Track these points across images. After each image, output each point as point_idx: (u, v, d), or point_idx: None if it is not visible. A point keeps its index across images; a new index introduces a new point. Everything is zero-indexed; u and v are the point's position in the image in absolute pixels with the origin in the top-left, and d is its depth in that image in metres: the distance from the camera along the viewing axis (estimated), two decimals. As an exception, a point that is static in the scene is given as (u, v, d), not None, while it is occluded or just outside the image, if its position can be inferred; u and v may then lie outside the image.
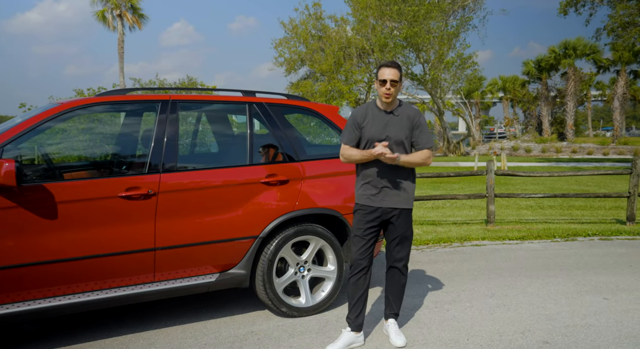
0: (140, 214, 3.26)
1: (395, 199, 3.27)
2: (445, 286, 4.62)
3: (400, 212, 3.29)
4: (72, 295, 3.10)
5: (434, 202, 10.37)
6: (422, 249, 6.18)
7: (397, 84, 3.16)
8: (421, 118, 3.28)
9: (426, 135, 3.27)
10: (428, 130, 3.28)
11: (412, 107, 3.31)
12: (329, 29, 26.98)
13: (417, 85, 28.35)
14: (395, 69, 3.17)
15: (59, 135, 3.23)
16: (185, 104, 3.67)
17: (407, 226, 3.34)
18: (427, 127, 3.29)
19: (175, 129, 3.49)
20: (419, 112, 3.30)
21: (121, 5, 25.39)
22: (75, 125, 3.11)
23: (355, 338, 3.30)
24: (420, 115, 3.30)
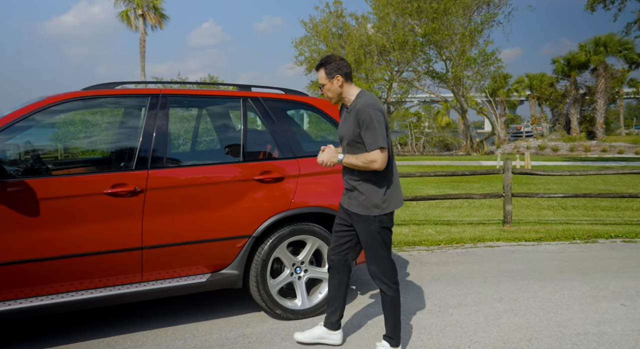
0: (126, 212, 3.17)
1: (351, 202, 2.99)
2: (452, 289, 4.41)
3: (357, 217, 2.96)
4: (56, 295, 3.04)
5: (451, 202, 10.10)
6: (432, 249, 5.97)
7: (327, 85, 2.90)
8: (366, 113, 2.76)
9: (371, 133, 2.74)
10: (376, 126, 2.75)
11: (364, 99, 2.84)
12: (350, 27, 26.80)
13: (439, 83, 27.89)
14: (319, 70, 2.91)
15: (44, 129, 3.17)
16: (176, 98, 3.57)
17: (366, 235, 2.94)
18: (374, 123, 2.74)
19: (164, 124, 3.40)
20: (367, 105, 2.79)
21: (143, 5, 25.76)
22: (61, 119, 3.04)
23: (326, 334, 3.20)
24: (367, 108, 2.77)
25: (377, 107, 2.82)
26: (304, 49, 27.04)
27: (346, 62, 2.95)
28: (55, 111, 3.18)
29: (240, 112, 3.72)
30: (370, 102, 2.83)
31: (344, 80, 2.91)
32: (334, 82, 2.89)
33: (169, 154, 3.46)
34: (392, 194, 2.95)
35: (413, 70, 28.03)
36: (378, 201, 2.90)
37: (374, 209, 2.90)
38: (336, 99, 2.97)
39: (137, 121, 3.34)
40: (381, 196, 2.91)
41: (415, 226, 7.48)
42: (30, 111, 3.06)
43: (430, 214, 8.78)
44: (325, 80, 2.91)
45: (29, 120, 3.07)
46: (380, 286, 3.03)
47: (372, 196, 2.90)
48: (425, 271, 5.03)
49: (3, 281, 2.87)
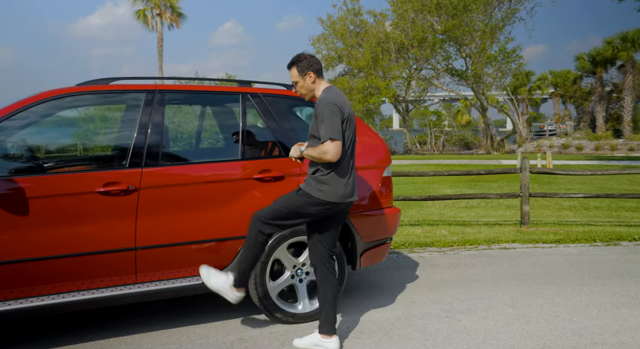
0: (119, 211, 3.08)
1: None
2: (462, 293, 4.23)
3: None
4: (47, 296, 2.96)
5: (468, 202, 9.84)
6: (444, 251, 5.77)
7: (300, 82, 2.99)
8: (321, 106, 2.86)
9: (324, 125, 2.82)
10: (327, 119, 2.81)
11: (324, 94, 2.95)
12: (367, 25, 26.53)
13: (458, 81, 27.43)
14: (291, 68, 3.00)
15: (35, 126, 3.10)
16: (172, 94, 3.47)
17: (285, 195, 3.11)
18: (327, 116, 2.81)
19: (160, 121, 3.30)
20: (322, 99, 2.90)
21: (160, 4, 25.98)
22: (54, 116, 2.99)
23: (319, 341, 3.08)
24: (322, 101, 2.88)
25: (331, 100, 2.87)
26: (321, 47, 26.91)
27: (317, 59, 3.04)
28: (47, 107, 3.11)
29: (239, 108, 3.60)
30: (326, 96, 2.91)
31: (316, 77, 2.99)
32: (307, 79, 2.98)
33: (165, 151, 3.37)
34: (333, 185, 2.94)
35: (432, 67, 27.65)
36: (317, 184, 2.95)
37: (310, 188, 2.96)
38: (309, 96, 3.04)
39: (131, 118, 3.25)
40: (322, 182, 2.94)
41: (429, 227, 7.28)
42: (21, 107, 3.00)
43: (445, 214, 8.55)
44: (297, 77, 2.98)
45: (20, 117, 3.00)
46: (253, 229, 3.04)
47: (317, 181, 2.96)
48: (434, 273, 4.85)
49: None
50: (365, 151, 3.91)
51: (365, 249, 3.85)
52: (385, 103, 25.97)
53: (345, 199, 3.00)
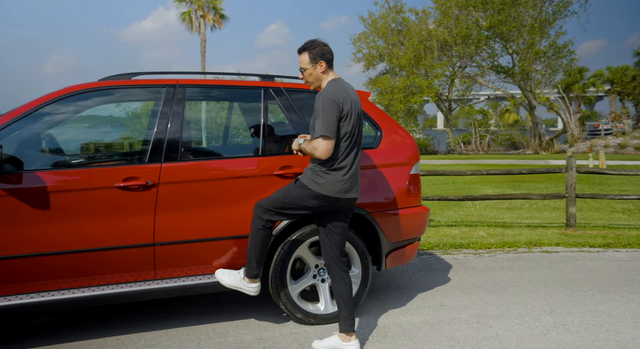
0: (138, 207, 3.07)
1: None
2: (495, 298, 3.99)
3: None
4: (67, 290, 2.97)
5: (510, 203, 9.43)
6: (480, 253, 5.50)
7: (309, 69, 2.88)
8: (319, 100, 2.77)
9: (318, 121, 2.74)
10: (322, 114, 2.73)
11: (326, 88, 2.85)
12: (409, 22, 26.08)
13: (504, 78, 26.50)
14: (302, 53, 2.89)
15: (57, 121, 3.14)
16: (193, 89, 3.43)
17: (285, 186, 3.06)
18: (323, 110, 2.73)
19: (180, 116, 3.26)
20: (321, 93, 2.80)
21: (204, 6, 26.55)
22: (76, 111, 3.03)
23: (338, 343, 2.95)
24: (320, 96, 2.78)
25: (329, 95, 2.77)
26: (361, 45, 26.67)
27: (330, 49, 2.92)
28: (70, 101, 3.14)
29: (261, 103, 3.52)
30: (326, 90, 2.82)
31: (327, 67, 2.89)
32: (317, 67, 2.88)
33: (184, 147, 3.33)
34: (329, 179, 2.86)
35: (477, 65, 26.86)
36: (313, 176, 2.88)
37: (306, 179, 2.89)
38: (316, 85, 2.94)
39: (152, 113, 3.24)
40: (318, 175, 2.87)
41: (466, 228, 6.99)
42: (45, 101, 3.03)
43: (485, 215, 8.21)
44: (307, 64, 2.88)
45: (43, 111, 3.04)
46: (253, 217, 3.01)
47: (313, 172, 2.88)
48: (468, 276, 4.61)
49: (8, 275, 2.84)
50: (392, 148, 3.75)
51: (391, 249, 3.69)
52: (429, 102, 25.40)
53: (343, 195, 2.89)
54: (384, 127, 3.78)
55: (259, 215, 2.98)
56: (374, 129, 3.77)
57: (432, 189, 11.16)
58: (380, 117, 3.82)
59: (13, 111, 2.99)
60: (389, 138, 3.76)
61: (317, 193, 2.87)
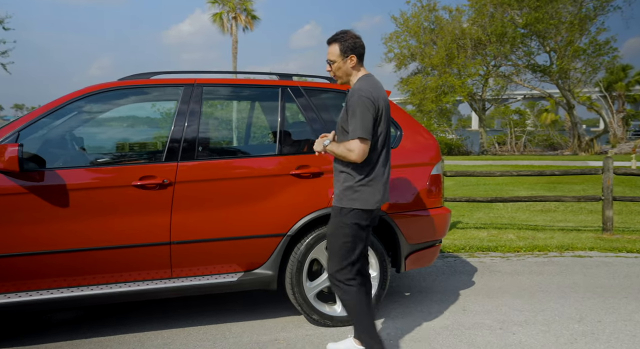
0: (154, 205, 3.09)
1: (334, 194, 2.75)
2: (521, 303, 3.84)
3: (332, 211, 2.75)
4: (86, 287, 3.02)
5: (544, 205, 9.11)
6: (508, 256, 5.32)
7: (338, 63, 2.65)
8: (353, 98, 2.54)
9: (353, 121, 2.52)
10: (359, 114, 2.51)
11: (359, 84, 2.62)
12: (442, 21, 25.66)
13: (541, 77, 25.73)
14: (332, 44, 2.65)
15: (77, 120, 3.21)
16: (210, 88, 3.44)
17: (332, 225, 2.71)
18: (358, 110, 2.51)
19: (197, 115, 3.28)
20: (356, 90, 2.57)
21: (236, 8, 26.87)
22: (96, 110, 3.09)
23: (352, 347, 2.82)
24: (355, 93, 2.55)
25: (365, 93, 2.56)
26: (393, 45, 26.41)
27: (362, 42, 2.69)
28: (89, 101, 3.20)
29: (279, 102, 3.50)
30: (360, 87, 2.59)
31: (357, 62, 2.67)
32: (347, 62, 2.65)
33: (201, 145, 3.35)
34: (367, 191, 2.64)
35: (512, 63, 26.18)
36: (349, 193, 2.63)
37: (344, 201, 2.64)
38: (344, 80, 2.72)
39: (169, 112, 3.27)
40: (354, 188, 2.63)
41: (496, 230, 6.79)
42: (65, 101, 3.09)
43: (516, 217, 7.96)
44: (337, 57, 2.64)
45: (64, 111, 3.10)
46: (335, 290, 2.74)
47: (345, 186, 2.64)
48: (493, 280, 4.46)
49: (26, 272, 2.90)
50: (413, 148, 3.67)
51: (410, 251, 3.60)
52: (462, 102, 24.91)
53: (381, 203, 2.72)
54: (404, 126, 3.69)
55: (339, 280, 2.67)
56: (394, 128, 3.69)
57: (462, 190, 10.92)
58: (401, 116, 3.73)
59: (35, 110, 3.07)
60: (409, 137, 3.67)
61: (362, 209, 2.63)
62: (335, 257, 2.68)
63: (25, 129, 2.97)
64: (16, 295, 2.90)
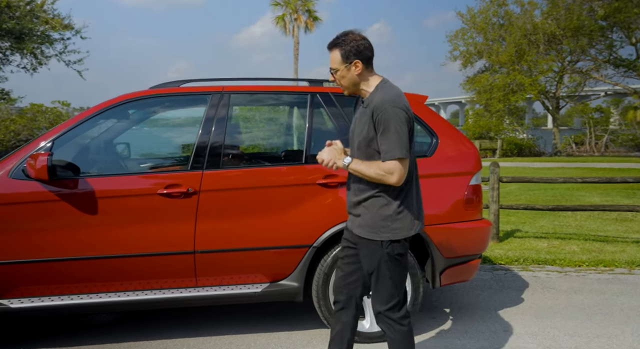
0: (179, 214, 3.10)
1: (355, 221, 2.37)
2: (574, 327, 3.48)
3: (361, 241, 2.34)
4: (114, 293, 3.09)
5: (619, 214, 8.33)
6: (567, 271, 4.88)
7: (341, 71, 2.27)
8: (386, 111, 2.16)
9: (390, 139, 2.15)
10: (397, 130, 2.15)
11: (384, 93, 2.23)
12: (513, 16, 24.39)
13: (625, 72, 23.73)
14: (332, 50, 2.28)
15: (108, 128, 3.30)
16: (238, 95, 3.41)
17: (371, 263, 2.33)
18: (393, 124, 2.15)
19: (223, 123, 3.26)
20: (386, 101, 2.18)
21: (298, 9, 27.19)
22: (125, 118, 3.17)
23: None
24: (386, 105, 2.17)
25: (399, 104, 2.19)
26: (458, 43, 25.47)
27: (368, 43, 2.30)
28: (121, 110, 3.28)
29: (307, 109, 3.41)
30: (390, 98, 2.20)
31: (364, 67, 2.28)
32: (352, 69, 2.26)
33: (227, 154, 3.32)
34: (408, 216, 2.31)
35: (591, 58, 24.38)
36: (388, 222, 2.28)
37: (382, 232, 2.28)
38: (351, 89, 2.34)
39: (197, 120, 3.27)
40: (393, 217, 2.28)
41: (558, 241, 6.29)
42: (98, 110, 3.18)
43: (584, 226, 7.34)
44: (339, 64, 2.27)
45: (96, 119, 3.19)
46: (382, 327, 2.41)
47: (382, 215, 2.28)
48: (545, 298, 4.10)
49: (55, 277, 3.00)
50: (449, 157, 3.45)
51: (446, 266, 3.38)
52: (533, 100, 23.51)
53: (422, 226, 2.43)
54: (441, 133, 3.48)
55: (393, 319, 2.36)
56: (429, 135, 3.48)
57: (526, 196, 10.27)
58: (438, 123, 3.52)
59: (70, 119, 3.18)
60: (446, 145, 3.45)
61: (403, 238, 2.32)
62: (383, 296, 2.36)
63: (60, 138, 3.08)
64: (49, 299, 3.01)
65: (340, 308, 2.55)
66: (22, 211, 2.93)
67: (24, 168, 2.92)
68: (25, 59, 11.92)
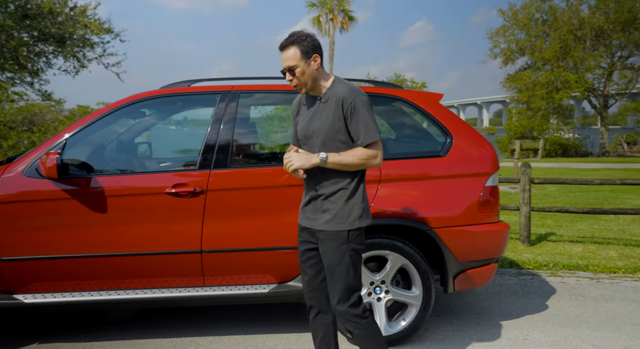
0: (186, 213, 3.11)
1: (321, 216, 2.35)
2: (599, 337, 3.27)
3: (325, 235, 2.33)
4: (124, 291, 3.13)
5: (666, 217, 7.84)
6: (600, 278, 4.61)
7: (301, 67, 2.26)
8: (356, 101, 2.24)
9: (363, 123, 2.24)
10: (369, 115, 2.25)
11: (346, 86, 2.29)
12: (558, 11, 23.44)
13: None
14: (288, 48, 2.27)
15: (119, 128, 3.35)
16: (247, 94, 3.40)
17: (334, 254, 2.31)
18: (365, 110, 2.24)
19: (231, 122, 3.25)
20: (353, 92, 2.25)
21: (333, 9, 27.17)
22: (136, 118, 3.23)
23: None
24: (356, 96, 2.24)
25: (364, 94, 2.31)
26: (499, 40, 24.68)
27: (319, 42, 2.37)
28: (132, 109, 3.32)
29: (316, 108, 3.35)
30: (355, 88, 2.31)
31: (320, 62, 2.33)
32: (311, 63, 2.28)
33: (235, 153, 3.31)
34: (367, 205, 2.39)
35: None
36: (355, 212, 2.32)
37: (351, 222, 2.31)
38: (309, 86, 2.33)
39: (205, 120, 3.28)
40: (358, 206, 2.33)
41: (594, 245, 5.96)
42: (109, 110, 3.24)
43: (627, 230, 6.94)
44: (299, 61, 2.26)
45: (108, 119, 3.24)
46: (345, 324, 2.37)
47: (349, 206, 2.32)
48: (572, 306, 3.88)
49: (62, 273, 3.06)
50: (465, 157, 3.33)
51: (460, 270, 3.25)
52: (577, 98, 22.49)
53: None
54: (456, 133, 3.35)
55: (356, 315, 2.34)
56: (443, 135, 3.36)
57: (566, 197, 9.82)
58: (452, 122, 3.39)
59: (82, 119, 3.25)
60: (460, 145, 3.33)
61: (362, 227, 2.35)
62: (344, 292, 2.34)
63: (73, 137, 3.15)
64: (61, 295, 3.08)
65: (317, 312, 2.53)
66: (34, 209, 3.02)
67: (37, 167, 3.01)
68: (68, 62, 12.44)
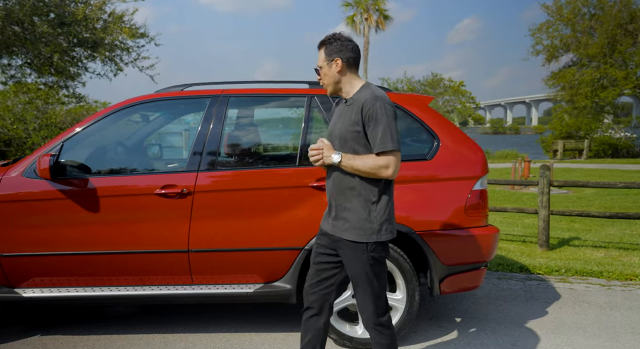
0: (174, 213, 3.22)
1: (339, 223, 2.31)
2: (593, 346, 3.15)
3: (344, 244, 2.29)
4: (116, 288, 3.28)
5: None
6: (612, 285, 4.40)
7: (324, 68, 2.33)
8: (376, 107, 2.18)
9: (383, 131, 2.16)
10: (390, 124, 2.17)
11: (371, 91, 2.26)
12: (606, 4, 22.37)
13: None
14: (319, 49, 2.36)
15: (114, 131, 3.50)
16: (236, 98, 3.48)
17: (355, 266, 2.28)
18: (384, 118, 2.17)
19: (220, 125, 3.34)
20: (376, 97, 2.21)
21: (368, 9, 27.03)
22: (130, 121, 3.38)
23: None
24: (376, 101, 2.19)
25: (389, 101, 2.24)
26: (542, 36, 23.79)
27: (354, 45, 2.35)
28: (127, 113, 3.47)
29: (304, 111, 3.40)
30: (380, 94, 2.25)
31: (345, 66, 2.32)
32: (332, 66, 2.32)
33: (222, 156, 3.40)
34: (391, 219, 2.31)
35: None
36: (375, 224, 2.25)
37: (368, 234, 2.25)
38: (332, 89, 2.37)
39: (195, 123, 3.39)
40: (380, 217, 2.26)
41: (618, 251, 5.69)
42: (106, 113, 3.40)
43: None
44: (322, 62, 2.35)
45: (104, 122, 3.40)
46: (370, 333, 2.35)
47: (368, 216, 2.25)
48: (572, 313, 3.73)
49: (57, 270, 3.23)
50: (451, 160, 3.29)
51: (447, 274, 3.21)
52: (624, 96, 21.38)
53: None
54: (444, 136, 3.31)
55: (384, 325, 2.36)
56: (430, 138, 3.33)
57: (603, 201, 9.38)
58: (439, 123, 3.35)
59: (81, 121, 3.43)
60: (447, 148, 3.29)
61: (384, 240, 2.29)
62: (374, 303, 2.33)
63: (69, 140, 3.33)
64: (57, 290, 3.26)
65: (313, 314, 2.51)
66: (31, 208, 3.21)
67: (35, 168, 3.20)
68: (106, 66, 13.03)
